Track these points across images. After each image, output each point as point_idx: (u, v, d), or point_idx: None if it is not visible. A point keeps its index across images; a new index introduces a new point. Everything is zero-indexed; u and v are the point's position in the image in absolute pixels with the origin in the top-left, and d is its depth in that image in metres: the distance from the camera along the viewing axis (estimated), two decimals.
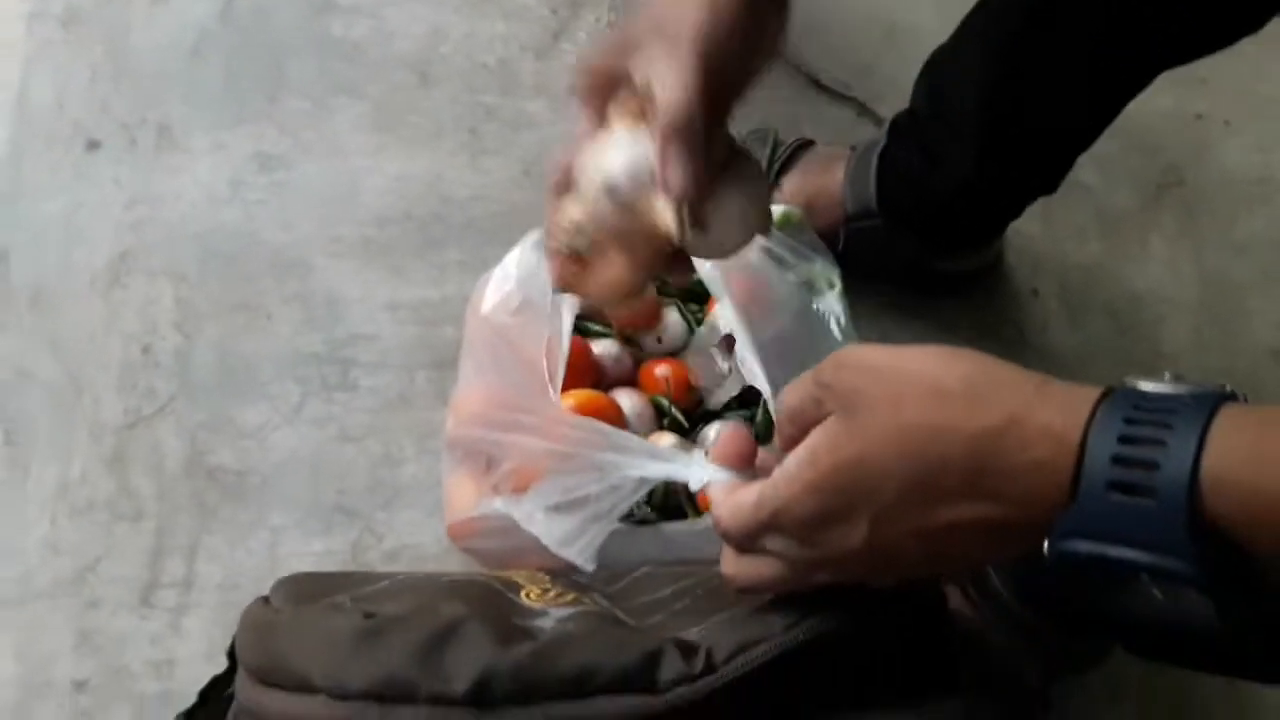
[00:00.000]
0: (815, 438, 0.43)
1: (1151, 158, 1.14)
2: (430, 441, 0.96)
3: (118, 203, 1.03)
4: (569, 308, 0.75)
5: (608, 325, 0.88)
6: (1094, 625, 0.76)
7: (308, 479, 0.95)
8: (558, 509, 0.62)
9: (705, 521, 0.71)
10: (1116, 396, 0.37)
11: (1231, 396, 0.36)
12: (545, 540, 0.62)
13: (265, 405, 0.97)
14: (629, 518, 0.70)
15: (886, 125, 0.92)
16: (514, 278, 0.78)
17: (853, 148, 0.97)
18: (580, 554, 0.62)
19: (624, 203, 0.53)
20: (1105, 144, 1.12)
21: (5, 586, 0.91)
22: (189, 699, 0.61)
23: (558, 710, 0.45)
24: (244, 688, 0.49)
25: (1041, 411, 0.38)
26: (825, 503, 0.43)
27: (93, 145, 1.05)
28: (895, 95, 0.98)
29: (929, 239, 0.93)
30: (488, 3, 1.12)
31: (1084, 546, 0.36)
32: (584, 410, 0.74)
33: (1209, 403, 0.35)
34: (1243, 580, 0.35)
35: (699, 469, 0.51)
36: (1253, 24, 0.68)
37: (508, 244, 0.84)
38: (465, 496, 0.74)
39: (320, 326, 1.00)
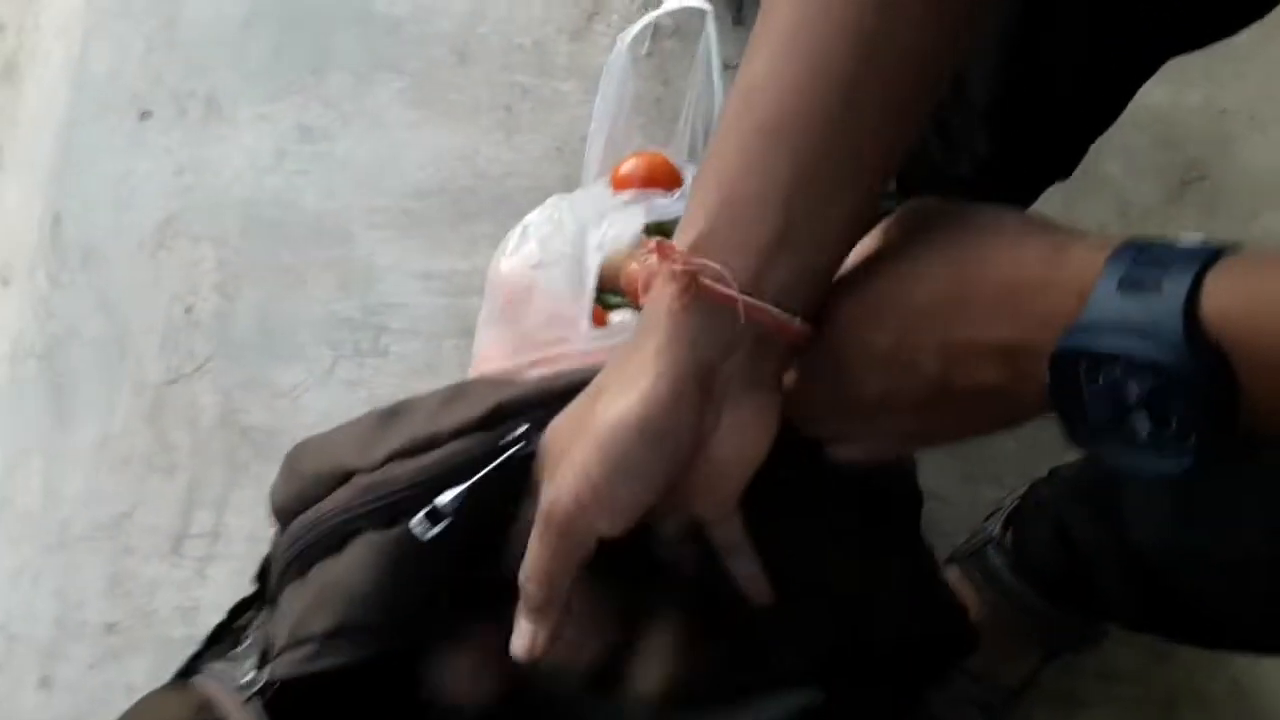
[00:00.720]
0: (864, 243, 0.46)
1: (1176, 151, 1.14)
2: None
3: (167, 169, 1.07)
4: (593, 258, 0.77)
5: (624, 296, 0.90)
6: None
7: None
8: None
9: None
10: (1150, 236, 0.39)
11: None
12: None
13: (299, 367, 1.00)
14: None
15: None
16: (533, 238, 0.80)
17: None
18: None
19: None
20: (1130, 136, 1.13)
21: (46, 531, 0.95)
22: None
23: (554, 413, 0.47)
24: (284, 541, 0.52)
25: (1082, 242, 0.40)
26: (863, 301, 0.44)
27: (145, 114, 1.09)
28: None
29: None
30: None
31: (1082, 340, 0.37)
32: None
33: (1230, 246, 0.37)
34: (1221, 407, 0.36)
35: None
36: (1256, 12, 0.69)
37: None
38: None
39: (355, 293, 1.03)
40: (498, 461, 0.46)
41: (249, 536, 0.95)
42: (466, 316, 1.01)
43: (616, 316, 0.89)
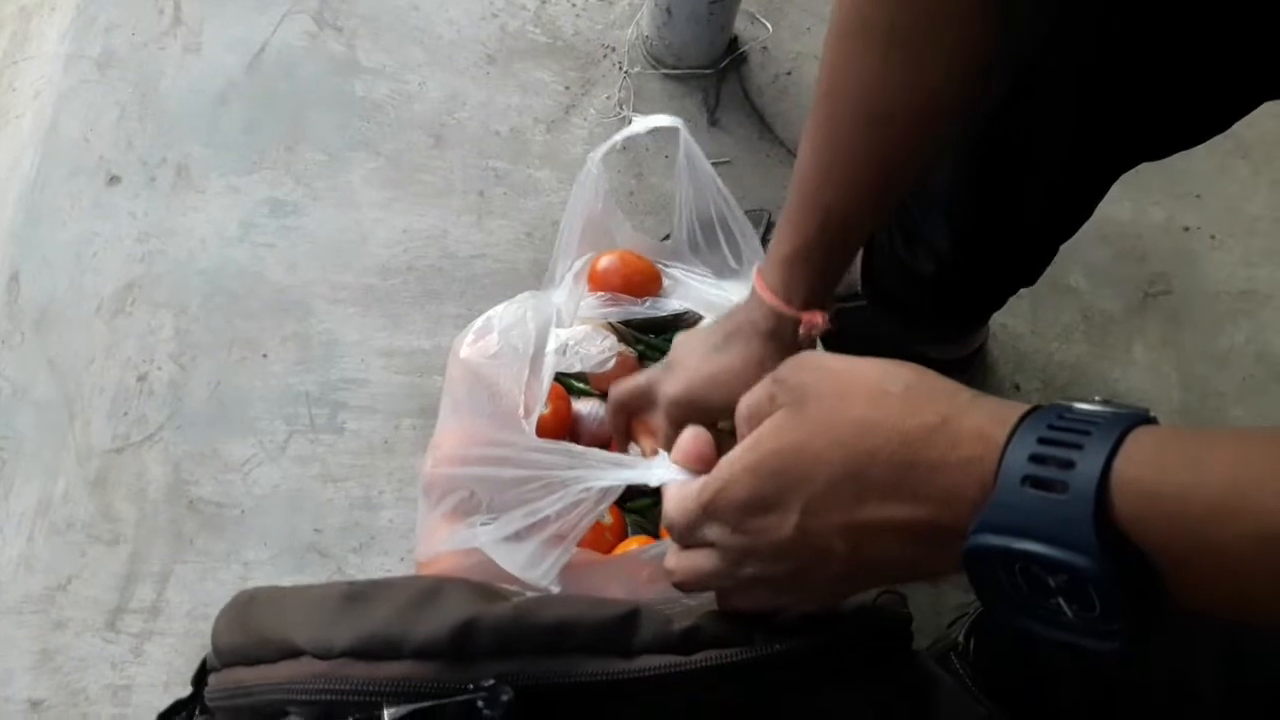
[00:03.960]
0: (763, 426, 0.45)
1: (1140, 266, 1.16)
2: (409, 489, 0.97)
3: (131, 235, 1.06)
4: (553, 355, 0.77)
5: (590, 385, 0.90)
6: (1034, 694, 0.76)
7: (286, 516, 0.95)
8: (518, 536, 0.63)
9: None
10: (1045, 408, 0.38)
11: (1151, 420, 0.37)
12: (507, 566, 0.63)
13: (252, 440, 0.98)
14: None
15: None
16: (496, 328, 0.80)
17: None
18: (544, 576, 0.62)
19: None
20: (1095, 250, 1.16)
21: None
22: None
23: (536, 666, 0.45)
24: (218, 679, 0.49)
25: (973, 416, 0.39)
26: (761, 486, 0.44)
27: (113, 180, 1.09)
28: None
29: (911, 322, 0.95)
30: (505, 75, 1.16)
31: (995, 540, 0.37)
32: None
33: (1128, 419, 0.36)
34: (1143, 594, 0.35)
35: (660, 469, 0.52)
36: (1219, 125, 0.70)
37: (504, 301, 0.87)
38: (438, 536, 0.74)
39: (314, 368, 1.01)
40: (455, 700, 0.44)
41: (189, 614, 0.92)
42: (426, 396, 1.00)
43: (580, 405, 0.89)
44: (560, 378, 0.88)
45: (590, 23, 1.20)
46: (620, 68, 1.18)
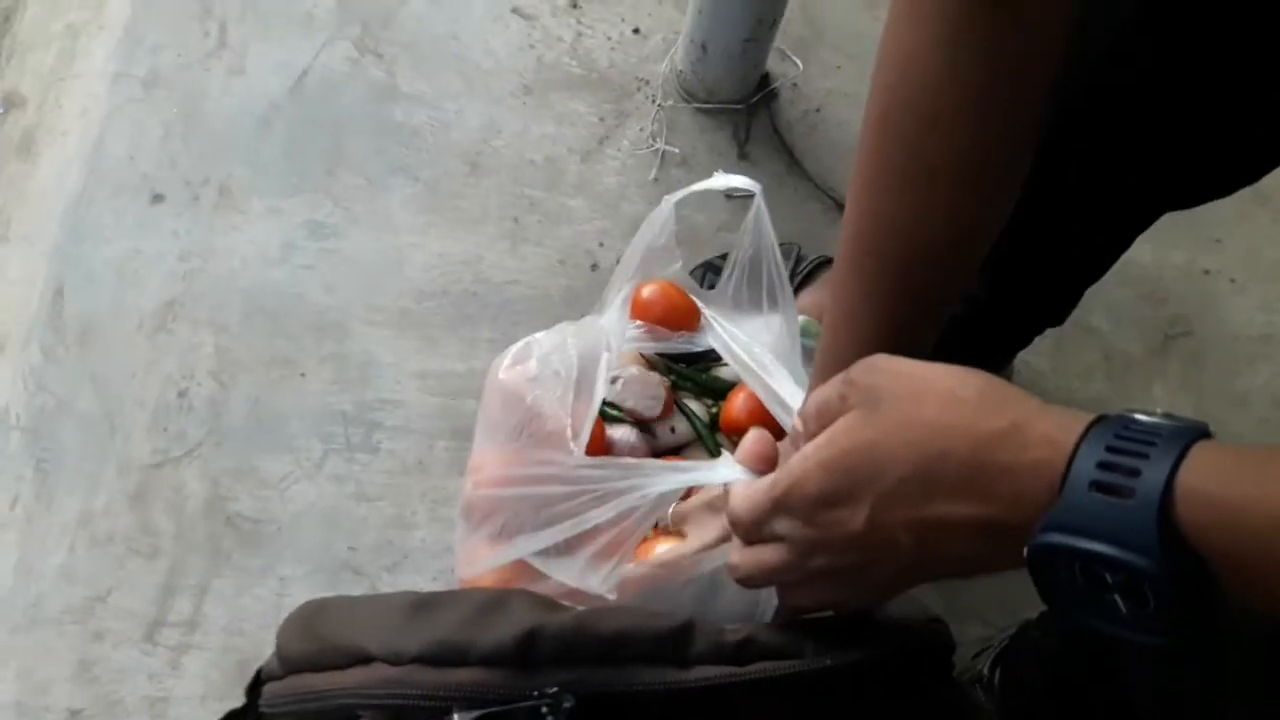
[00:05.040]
0: (836, 424, 0.47)
1: (1160, 308, 1.19)
2: (442, 509, 0.99)
3: (173, 253, 1.08)
4: (603, 383, 0.79)
5: (623, 412, 0.92)
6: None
7: (321, 534, 0.97)
8: (567, 547, 0.65)
9: None
10: (1111, 418, 0.41)
11: (1210, 435, 0.40)
12: (560, 576, 0.65)
13: (289, 458, 1.00)
14: None
15: None
16: (535, 354, 0.82)
17: None
18: (603, 584, 0.64)
19: None
20: (1117, 291, 1.18)
21: (16, 611, 0.93)
22: None
23: (596, 674, 0.47)
24: (283, 685, 0.51)
25: (1043, 422, 0.42)
26: (834, 481, 0.46)
27: (157, 198, 1.11)
28: None
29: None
30: (541, 105, 1.19)
31: (1062, 539, 0.39)
32: None
33: (1191, 432, 0.39)
34: (1197, 596, 0.37)
35: (725, 469, 0.55)
36: (1250, 176, 0.73)
37: (537, 327, 0.89)
38: (480, 557, 0.76)
39: (350, 388, 1.04)
40: (520, 706, 0.46)
41: (226, 628, 0.94)
42: (460, 418, 1.02)
43: (614, 431, 0.91)
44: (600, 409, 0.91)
45: (625, 56, 1.23)
46: (654, 100, 1.20)
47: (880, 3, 1.32)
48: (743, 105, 1.20)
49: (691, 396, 0.94)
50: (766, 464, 0.56)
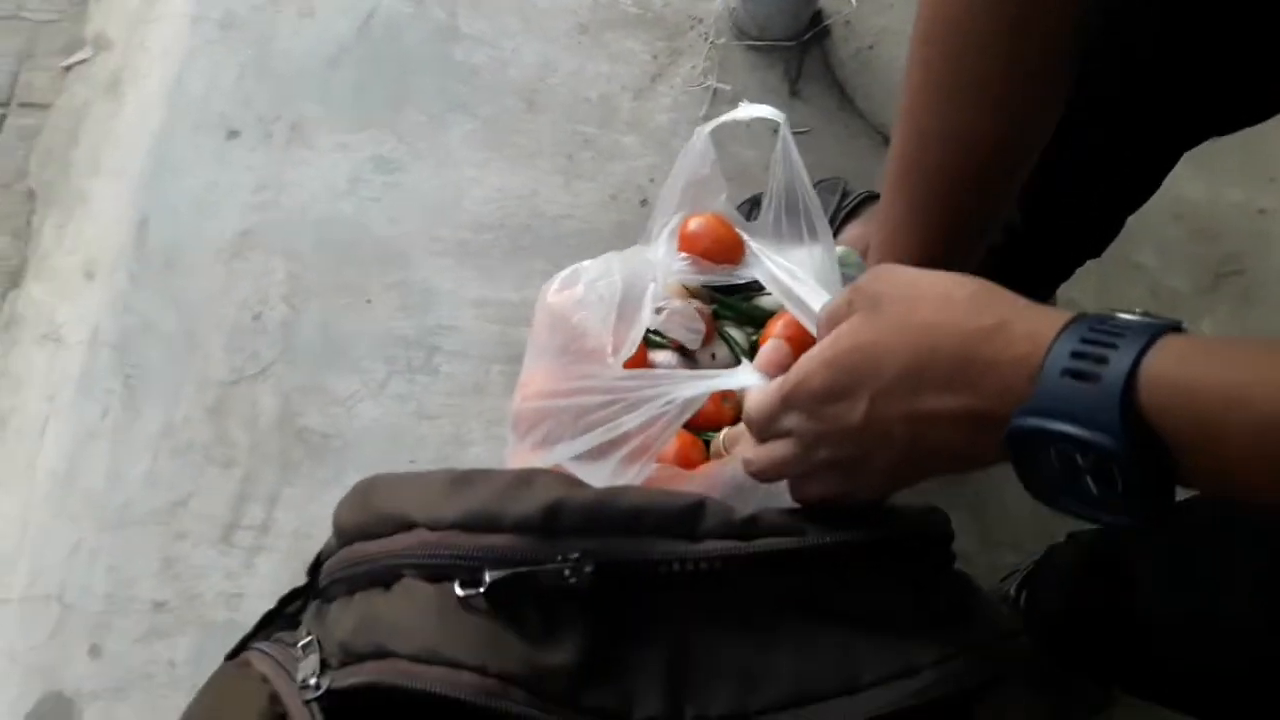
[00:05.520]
0: (841, 327, 0.51)
1: (1213, 245, 1.18)
2: (496, 428, 1.05)
3: (247, 186, 1.15)
4: (649, 311, 0.83)
5: (666, 339, 0.96)
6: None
7: (384, 448, 1.04)
8: (600, 452, 0.69)
9: None
10: (1090, 315, 0.44)
11: (1183, 329, 0.42)
12: (590, 479, 0.70)
13: (355, 378, 1.07)
14: None
15: None
16: (583, 280, 0.86)
17: None
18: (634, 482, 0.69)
19: None
20: (1167, 228, 1.18)
21: (106, 511, 1.02)
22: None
23: (614, 544, 0.52)
24: (340, 555, 0.57)
25: (1027, 320, 0.45)
26: (836, 377, 0.50)
27: (232, 134, 1.17)
28: None
29: None
30: (596, 44, 1.22)
31: (1034, 421, 0.42)
32: None
33: (1161, 326, 0.42)
34: (1161, 476, 0.40)
35: (744, 375, 0.59)
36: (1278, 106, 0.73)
37: (588, 258, 0.93)
38: (524, 463, 0.81)
39: (412, 314, 1.09)
40: (545, 569, 0.51)
41: (295, 532, 1.01)
42: (514, 344, 1.07)
43: (655, 355, 0.95)
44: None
45: None
46: (706, 39, 1.23)
47: None
48: (795, 43, 1.22)
49: (733, 324, 0.97)
50: (781, 370, 0.60)
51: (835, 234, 1.05)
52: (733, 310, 0.97)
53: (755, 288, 0.97)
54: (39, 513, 1.02)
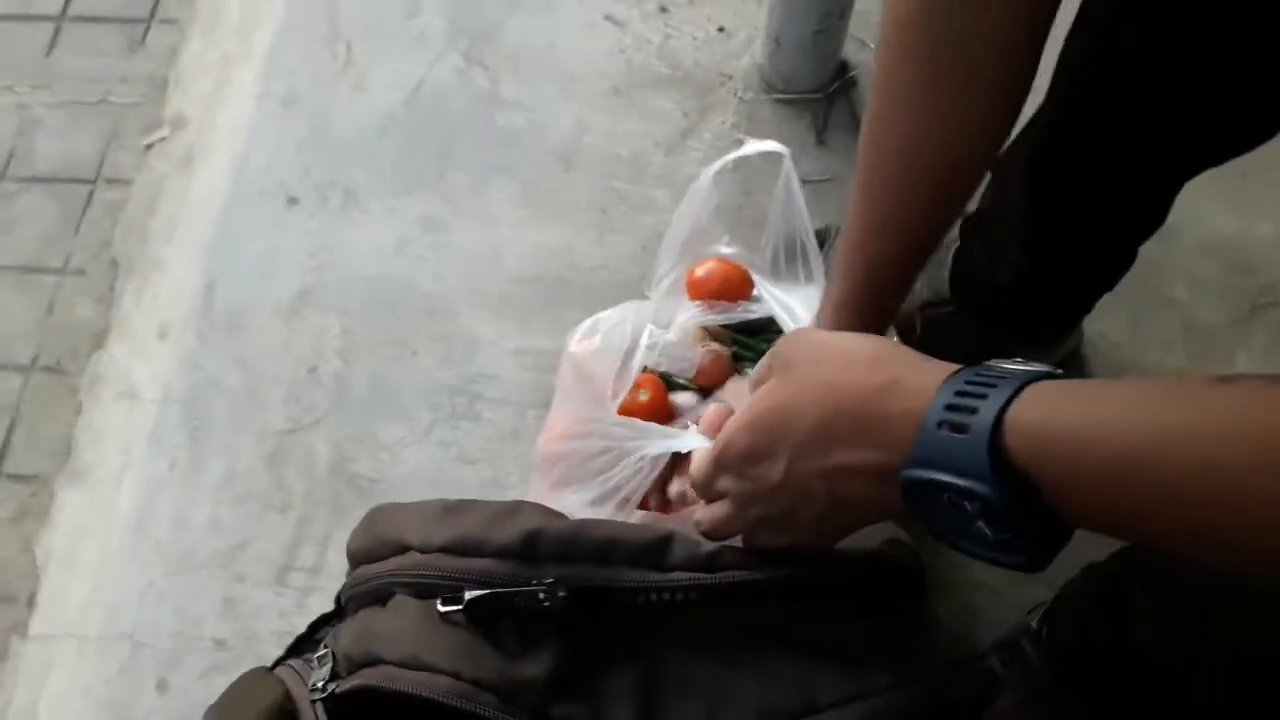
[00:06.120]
0: (759, 390, 0.55)
1: (1247, 278, 1.18)
2: (531, 473, 1.09)
3: (305, 249, 1.23)
4: (644, 350, 0.88)
5: (690, 382, 1.00)
6: None
7: (427, 491, 1.09)
8: (600, 500, 0.74)
9: None
10: (969, 367, 0.46)
11: (1059, 375, 0.45)
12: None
13: (402, 425, 1.13)
14: None
15: (958, 226, 1.02)
16: (601, 329, 0.91)
17: None
18: None
19: None
20: (1199, 263, 1.18)
21: (173, 555, 1.09)
22: None
23: (588, 571, 0.56)
24: (350, 577, 0.63)
25: (919, 375, 0.48)
26: (756, 439, 0.54)
27: (292, 201, 1.26)
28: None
29: (996, 328, 1.01)
30: (629, 104, 1.28)
31: (919, 473, 0.45)
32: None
33: (1034, 374, 0.44)
34: (1043, 518, 0.42)
35: (691, 438, 0.63)
36: (1270, 129, 0.74)
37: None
38: (544, 501, 0.86)
39: (455, 364, 1.16)
40: (521, 591, 0.56)
41: (344, 573, 1.05)
42: (549, 391, 1.12)
43: (677, 397, 0.99)
44: (664, 375, 0.99)
45: (710, 54, 1.31)
46: (735, 94, 1.28)
47: None
48: (821, 94, 1.26)
49: (752, 365, 1.01)
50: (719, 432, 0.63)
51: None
52: (752, 351, 1.01)
53: (775, 328, 1.01)
54: (115, 557, 1.10)
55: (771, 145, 0.91)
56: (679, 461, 0.78)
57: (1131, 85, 0.74)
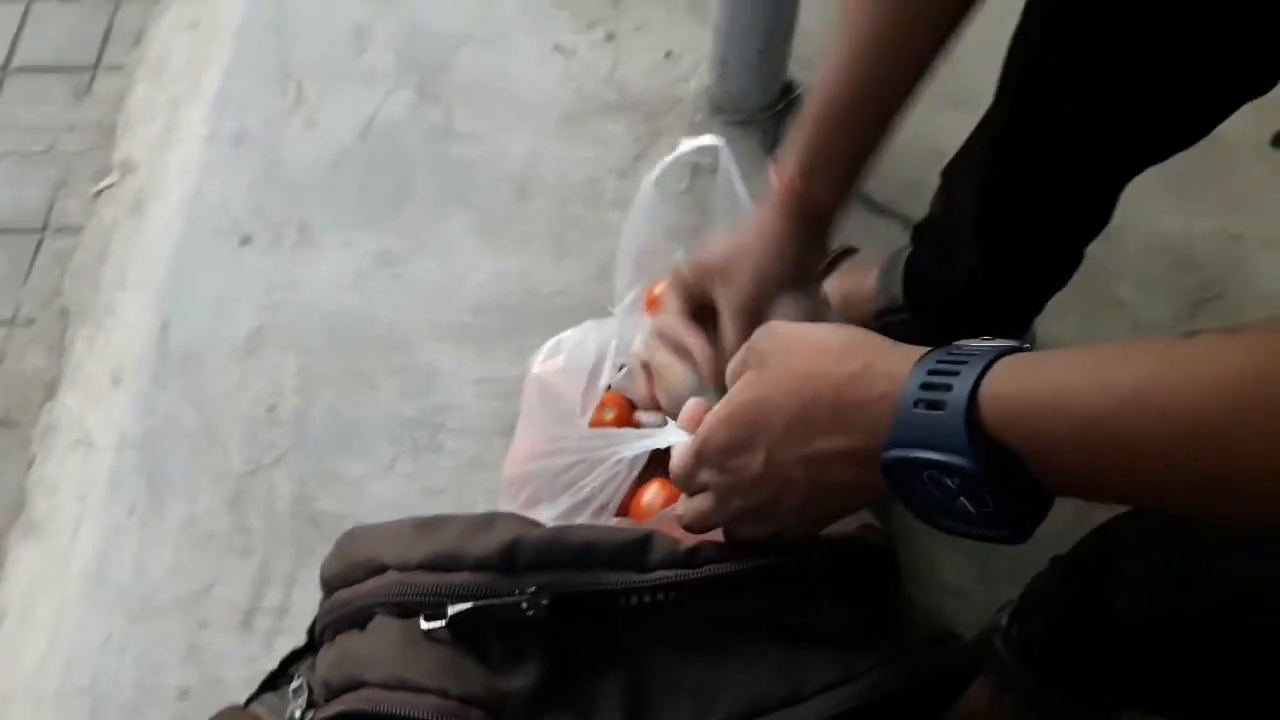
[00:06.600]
0: (737, 384, 0.55)
1: (1190, 274, 1.20)
2: (500, 499, 1.08)
3: (260, 287, 1.22)
4: (610, 370, 0.88)
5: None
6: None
7: None
8: (573, 512, 0.73)
9: None
10: (939, 348, 0.47)
11: (1027, 349, 0.45)
12: None
13: (364, 460, 1.12)
14: None
15: (911, 231, 1.04)
16: (564, 349, 0.91)
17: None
18: None
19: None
20: (1145, 261, 1.20)
21: (134, 602, 1.07)
22: None
23: (569, 577, 0.55)
24: (326, 604, 0.62)
25: (889, 360, 0.48)
26: (734, 432, 0.54)
27: (245, 240, 1.25)
28: None
29: (951, 330, 1.02)
30: (582, 131, 1.29)
31: (898, 453, 0.45)
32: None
33: (1002, 349, 0.45)
34: (1024, 488, 0.43)
35: (670, 434, 0.63)
36: (1206, 127, 0.76)
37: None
38: None
39: (416, 396, 1.15)
40: (504, 601, 0.55)
41: (311, 612, 1.04)
42: (512, 417, 1.11)
43: (643, 416, 0.99)
44: (628, 396, 0.99)
45: (659, 79, 1.32)
46: (685, 117, 1.29)
47: None
48: (769, 113, 1.28)
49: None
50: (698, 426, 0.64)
51: None
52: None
53: None
54: (72, 608, 1.08)
55: (707, 139, 0.90)
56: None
57: (1074, 88, 0.76)
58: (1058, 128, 0.80)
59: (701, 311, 0.77)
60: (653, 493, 0.84)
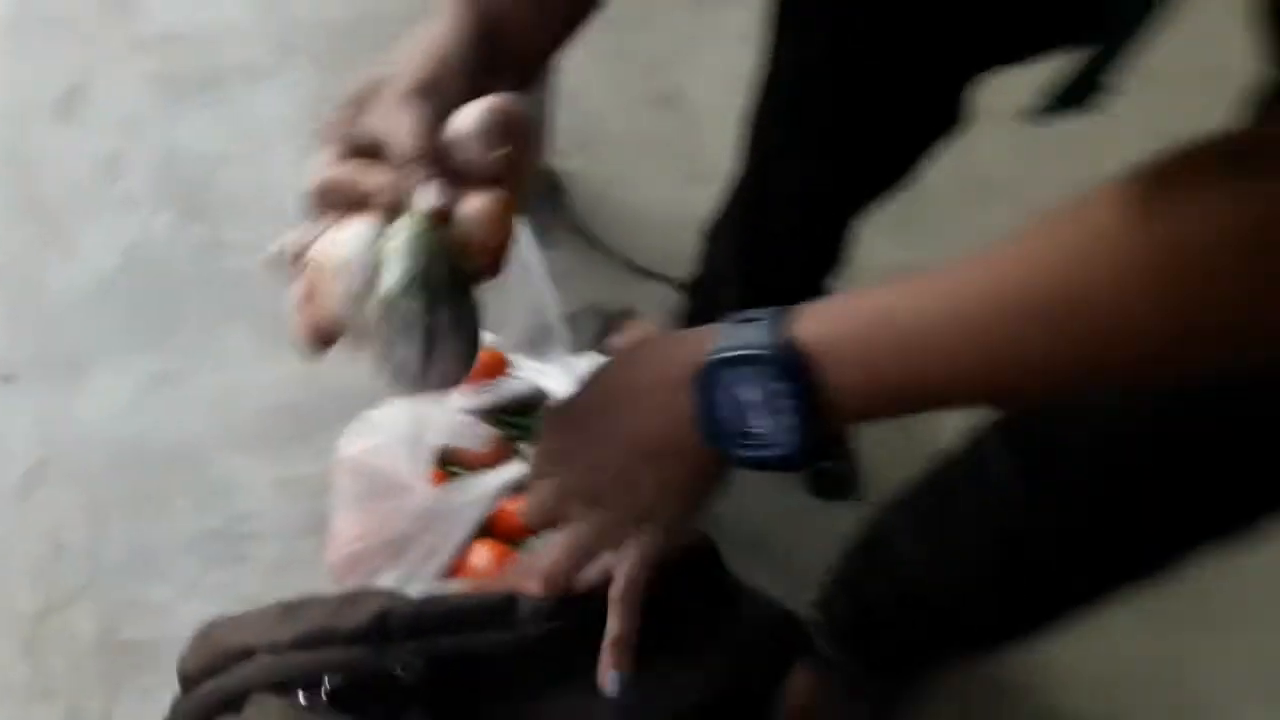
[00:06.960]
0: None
1: None
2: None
3: (31, 425, 1.17)
4: (432, 437, 0.91)
5: (466, 466, 1.03)
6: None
7: None
8: (409, 574, 0.75)
9: None
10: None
11: None
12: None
13: (169, 582, 1.08)
14: None
15: (682, 289, 1.14)
16: (377, 428, 0.93)
17: None
18: None
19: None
20: None
21: None
22: None
23: (442, 642, 0.57)
24: (188, 700, 0.61)
25: (684, 338, 0.53)
26: (564, 425, 0.58)
27: (8, 378, 1.20)
28: None
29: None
30: None
31: (715, 356, 0.49)
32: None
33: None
34: (816, 401, 0.47)
35: (516, 468, 0.66)
36: (950, 115, 0.84)
37: None
38: None
39: (215, 509, 1.13)
40: (379, 667, 0.57)
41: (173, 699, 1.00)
42: (320, 515, 1.11)
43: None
44: (452, 454, 1.01)
45: None
46: None
47: (633, 89, 1.52)
48: (538, 203, 1.36)
49: (528, 442, 1.05)
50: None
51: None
52: (518, 428, 1.05)
53: (543, 397, 1.06)
54: None
55: None
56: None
57: (803, 148, 0.88)
58: (794, 179, 0.92)
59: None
60: (481, 554, 0.88)
